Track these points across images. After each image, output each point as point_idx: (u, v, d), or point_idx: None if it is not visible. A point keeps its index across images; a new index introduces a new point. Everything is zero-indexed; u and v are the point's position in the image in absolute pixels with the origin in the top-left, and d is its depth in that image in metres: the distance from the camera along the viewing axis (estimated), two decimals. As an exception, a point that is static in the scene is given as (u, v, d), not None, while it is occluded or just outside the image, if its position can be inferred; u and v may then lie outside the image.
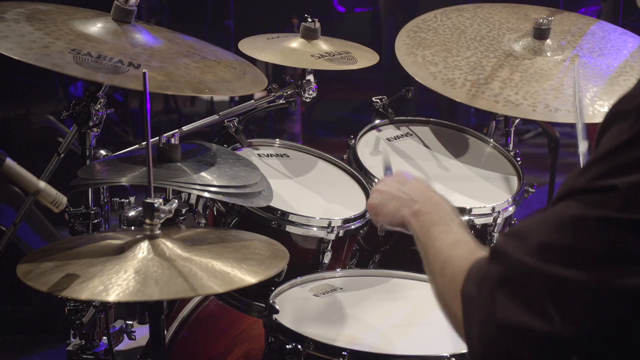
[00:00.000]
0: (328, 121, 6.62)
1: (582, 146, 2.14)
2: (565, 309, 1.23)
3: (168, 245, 1.74)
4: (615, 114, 1.27)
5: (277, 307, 2.05)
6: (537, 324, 1.24)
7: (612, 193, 1.21)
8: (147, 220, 1.75)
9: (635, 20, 5.04)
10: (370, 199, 1.88)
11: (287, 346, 1.97)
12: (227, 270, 1.71)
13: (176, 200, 1.83)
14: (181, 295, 1.63)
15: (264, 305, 2.24)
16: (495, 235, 2.59)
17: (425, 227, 1.60)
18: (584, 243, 1.22)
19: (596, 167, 1.25)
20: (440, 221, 1.60)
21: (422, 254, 1.57)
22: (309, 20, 2.72)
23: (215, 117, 2.67)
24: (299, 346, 1.96)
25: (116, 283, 1.62)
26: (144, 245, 1.73)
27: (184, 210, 2.22)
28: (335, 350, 1.95)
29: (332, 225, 2.37)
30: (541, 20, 2.73)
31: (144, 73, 1.71)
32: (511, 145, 2.94)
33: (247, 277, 1.71)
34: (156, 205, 1.73)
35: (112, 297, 1.59)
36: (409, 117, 2.95)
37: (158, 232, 1.76)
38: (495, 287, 1.29)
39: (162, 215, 1.75)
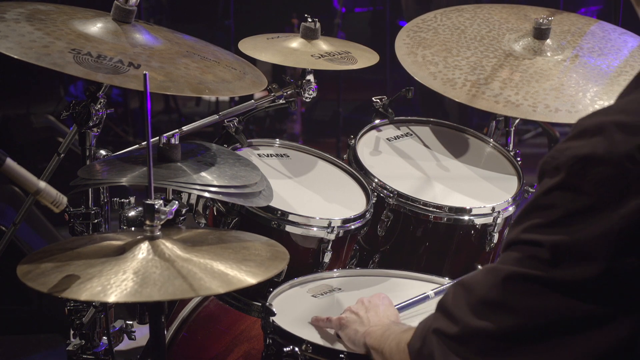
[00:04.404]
0: (328, 121, 6.60)
1: None
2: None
3: (168, 246, 1.74)
4: (542, 165, 1.35)
5: (274, 309, 2.05)
6: None
7: (539, 248, 1.31)
8: (147, 222, 1.75)
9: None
10: (345, 313, 2.06)
11: (285, 349, 1.96)
12: (226, 271, 1.71)
13: (177, 202, 1.83)
14: (180, 296, 1.63)
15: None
16: (495, 235, 2.59)
17: (377, 340, 1.86)
18: (512, 300, 1.34)
19: (528, 218, 1.35)
20: (385, 332, 1.87)
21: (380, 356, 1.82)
22: (309, 20, 2.72)
23: (215, 117, 2.67)
24: (297, 349, 1.95)
25: (115, 284, 1.62)
26: (144, 246, 1.73)
27: (184, 211, 2.22)
28: (333, 353, 1.95)
29: (332, 225, 2.37)
30: (541, 20, 2.72)
31: (145, 75, 1.71)
32: (511, 145, 2.94)
33: (247, 278, 1.71)
34: (156, 207, 1.73)
35: (111, 298, 1.60)
36: (409, 117, 2.95)
37: (158, 233, 1.76)
38: (436, 338, 1.47)
39: (163, 217, 1.75)
